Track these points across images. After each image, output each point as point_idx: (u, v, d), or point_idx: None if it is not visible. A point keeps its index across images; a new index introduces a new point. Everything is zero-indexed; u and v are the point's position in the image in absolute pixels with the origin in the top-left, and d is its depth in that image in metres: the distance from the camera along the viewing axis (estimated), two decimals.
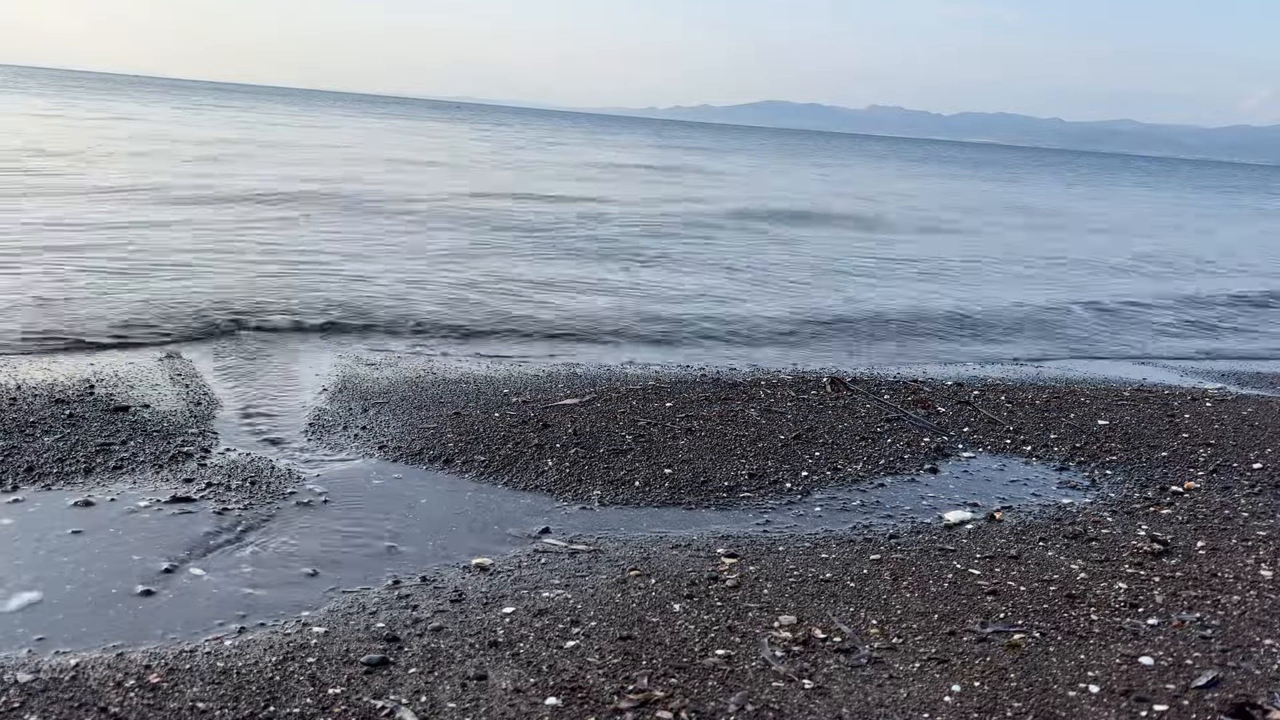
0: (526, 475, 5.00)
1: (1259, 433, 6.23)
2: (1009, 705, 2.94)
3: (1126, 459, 5.58)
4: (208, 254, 11.35)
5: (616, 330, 9.26)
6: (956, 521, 4.57)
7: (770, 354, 8.70)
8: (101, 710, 2.73)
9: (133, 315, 8.20)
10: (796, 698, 2.95)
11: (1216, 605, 3.67)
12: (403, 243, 13.50)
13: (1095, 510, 4.75)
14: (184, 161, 22.96)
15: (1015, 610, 3.59)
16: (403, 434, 5.49)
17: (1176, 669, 3.18)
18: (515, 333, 8.92)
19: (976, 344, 10.06)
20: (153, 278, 9.74)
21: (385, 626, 3.30)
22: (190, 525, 4.14)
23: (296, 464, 4.99)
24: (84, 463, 4.70)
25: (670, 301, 10.78)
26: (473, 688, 2.94)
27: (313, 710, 2.78)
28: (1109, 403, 6.84)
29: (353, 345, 7.95)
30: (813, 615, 3.49)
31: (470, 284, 10.87)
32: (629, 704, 2.87)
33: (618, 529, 4.41)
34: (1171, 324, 12.27)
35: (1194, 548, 4.28)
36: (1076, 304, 12.82)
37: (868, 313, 10.98)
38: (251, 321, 8.31)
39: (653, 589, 3.67)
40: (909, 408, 6.35)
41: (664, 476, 5.02)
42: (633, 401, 6.22)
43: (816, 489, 4.97)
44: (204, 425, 5.44)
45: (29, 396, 5.57)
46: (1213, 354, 10.38)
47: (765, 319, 10.22)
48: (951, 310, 11.54)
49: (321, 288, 9.90)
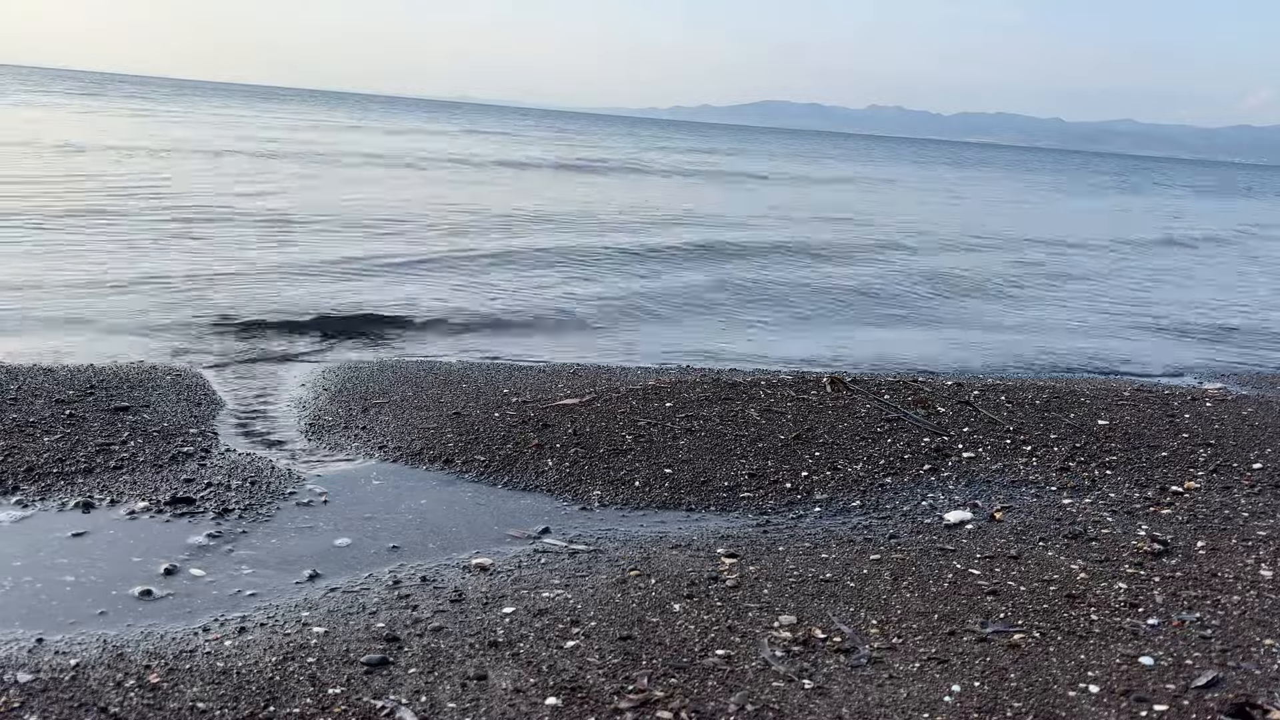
0: (526, 475, 5.00)
1: (1259, 433, 6.23)
2: (1009, 705, 2.94)
3: (1126, 459, 5.58)
4: (209, 254, 11.35)
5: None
6: (956, 521, 4.56)
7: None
8: (101, 710, 2.73)
9: (133, 315, 8.20)
10: (796, 698, 2.95)
11: (1216, 605, 3.67)
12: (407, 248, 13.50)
13: (1095, 510, 4.75)
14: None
15: (1015, 610, 3.59)
16: (403, 434, 5.49)
17: (1176, 669, 3.18)
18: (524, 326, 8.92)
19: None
20: (153, 277, 9.74)
21: (385, 626, 3.30)
22: (190, 525, 4.14)
23: (297, 464, 4.99)
24: (84, 463, 4.70)
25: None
26: (473, 688, 2.94)
27: (313, 710, 2.78)
28: (1109, 403, 6.83)
29: (353, 345, 7.95)
30: (813, 615, 3.49)
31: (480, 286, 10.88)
32: (629, 704, 2.87)
33: (618, 529, 4.41)
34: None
35: (1194, 548, 4.28)
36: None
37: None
38: (252, 322, 8.31)
39: (653, 589, 3.67)
40: (909, 408, 6.35)
41: (664, 476, 5.02)
42: (633, 401, 6.22)
43: (816, 489, 4.97)
44: (204, 425, 5.44)
45: (29, 396, 5.57)
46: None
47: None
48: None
49: (321, 288, 9.90)
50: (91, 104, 52.43)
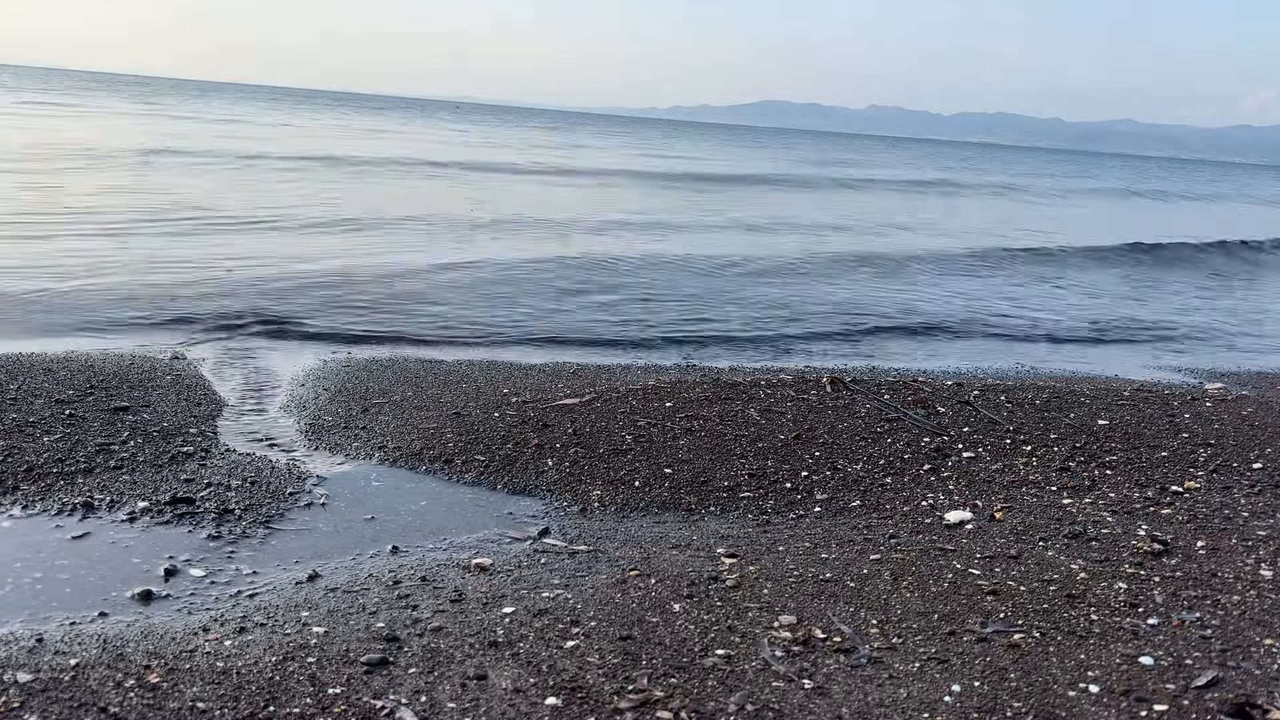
0: (526, 475, 5.00)
1: (1259, 433, 6.22)
2: (1009, 705, 2.94)
3: (1126, 459, 5.57)
4: (208, 254, 11.36)
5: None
6: (956, 521, 4.56)
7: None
8: (101, 710, 2.73)
9: (132, 316, 8.20)
10: (796, 698, 2.95)
11: (1216, 605, 3.67)
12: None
13: (1095, 510, 4.74)
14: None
15: (1015, 610, 3.59)
16: (403, 434, 5.49)
17: (1176, 669, 3.18)
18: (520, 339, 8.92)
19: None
20: (152, 278, 9.74)
21: (385, 626, 3.30)
22: (190, 526, 4.14)
23: (297, 464, 4.99)
24: (84, 463, 4.70)
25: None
26: (473, 688, 2.94)
27: (312, 710, 2.78)
28: (1109, 403, 6.83)
29: (352, 346, 7.95)
30: (813, 615, 3.49)
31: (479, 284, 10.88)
32: (629, 704, 2.87)
33: (618, 529, 4.41)
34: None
35: (1194, 548, 4.27)
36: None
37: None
38: (252, 322, 8.31)
39: (653, 589, 3.67)
40: (909, 408, 6.35)
41: (664, 476, 5.02)
42: (633, 401, 6.22)
43: (816, 489, 4.97)
44: (204, 425, 5.45)
45: (29, 396, 5.57)
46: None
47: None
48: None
49: (320, 288, 9.90)
50: (114, 104, 51.50)
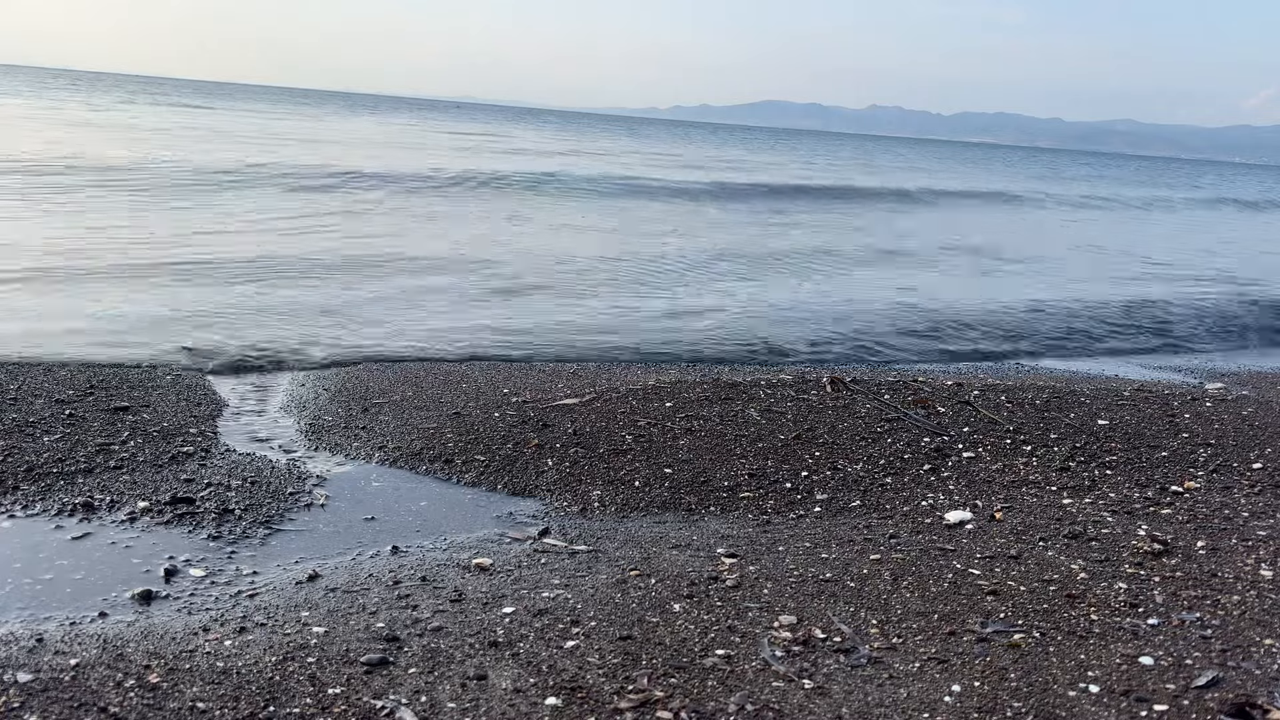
0: (526, 475, 5.00)
1: (1259, 433, 6.22)
2: (1009, 705, 2.94)
3: (1126, 459, 5.57)
4: (206, 255, 11.36)
5: None
6: (956, 521, 4.56)
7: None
8: (101, 710, 2.73)
9: (133, 315, 8.19)
10: (796, 698, 2.95)
11: (1216, 605, 3.67)
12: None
13: (1095, 510, 4.74)
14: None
15: (1015, 610, 3.59)
16: (403, 434, 5.49)
17: (1176, 669, 3.18)
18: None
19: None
20: (152, 277, 9.74)
21: (385, 626, 3.30)
22: (190, 526, 4.15)
23: (297, 464, 4.99)
24: (84, 463, 4.70)
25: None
26: (473, 688, 2.94)
27: (312, 710, 2.78)
28: (1109, 403, 6.83)
29: (353, 345, 7.95)
30: (813, 615, 3.49)
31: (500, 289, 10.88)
32: (629, 704, 2.87)
33: (618, 529, 4.41)
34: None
35: (1194, 548, 4.27)
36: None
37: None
38: (252, 323, 8.31)
39: (653, 589, 3.67)
40: (909, 408, 6.35)
41: (664, 476, 5.02)
42: (633, 401, 6.22)
43: (817, 489, 4.97)
44: (204, 425, 5.45)
45: (29, 396, 5.57)
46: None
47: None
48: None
49: (320, 288, 9.90)
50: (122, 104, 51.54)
